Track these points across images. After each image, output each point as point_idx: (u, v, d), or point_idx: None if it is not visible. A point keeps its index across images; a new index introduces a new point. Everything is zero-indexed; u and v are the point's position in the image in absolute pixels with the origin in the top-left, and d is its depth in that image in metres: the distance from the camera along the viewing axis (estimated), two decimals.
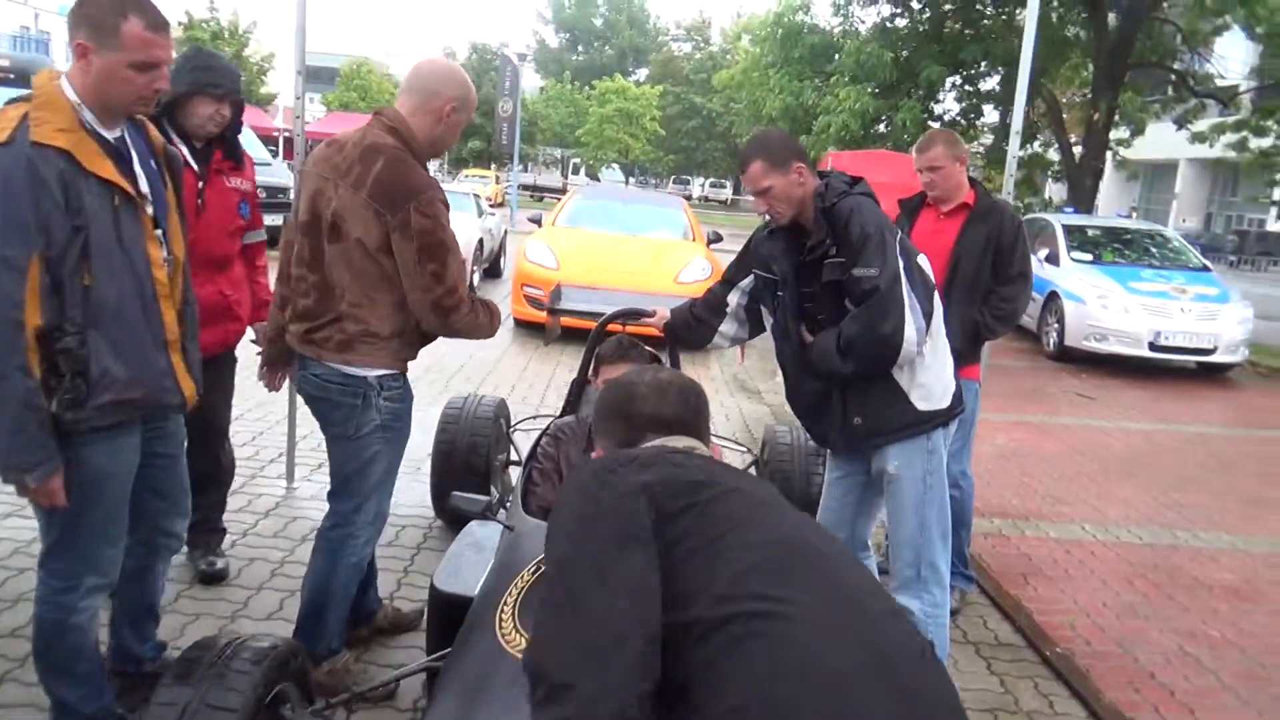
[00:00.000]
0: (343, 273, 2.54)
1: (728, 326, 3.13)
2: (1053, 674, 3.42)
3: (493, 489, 4.01)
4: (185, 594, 3.42)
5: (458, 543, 2.70)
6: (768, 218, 2.83)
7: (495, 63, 42.50)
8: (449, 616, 2.34)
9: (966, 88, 18.05)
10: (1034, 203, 17.70)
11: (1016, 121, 4.46)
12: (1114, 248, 11.03)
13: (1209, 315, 9.47)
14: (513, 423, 4.62)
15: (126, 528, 2.36)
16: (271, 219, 12.75)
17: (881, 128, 16.66)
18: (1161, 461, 6.48)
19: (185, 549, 3.22)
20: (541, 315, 8.91)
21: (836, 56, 16.78)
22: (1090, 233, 11.56)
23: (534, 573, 2.06)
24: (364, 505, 2.76)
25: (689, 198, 37.22)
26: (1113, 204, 34.30)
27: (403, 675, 2.56)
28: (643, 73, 55.77)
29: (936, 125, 17.81)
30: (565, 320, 4.38)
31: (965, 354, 3.46)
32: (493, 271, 13.58)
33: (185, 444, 2.63)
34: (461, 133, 2.81)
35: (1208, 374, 9.94)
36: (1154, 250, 11.21)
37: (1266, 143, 16.33)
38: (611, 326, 3.81)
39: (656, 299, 5.28)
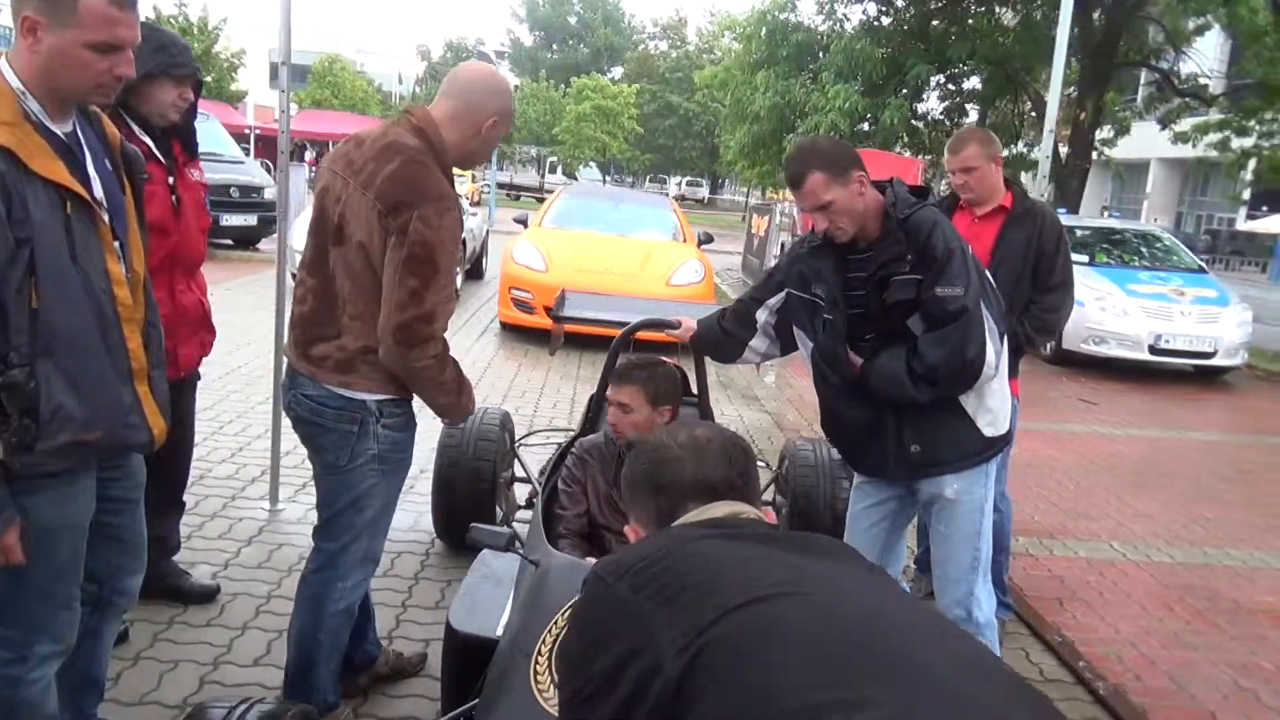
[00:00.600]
0: (344, 281, 2.28)
1: (759, 342, 2.90)
2: (1108, 714, 3.18)
3: (498, 508, 3.79)
4: (162, 637, 3.09)
5: (472, 575, 2.50)
6: (824, 234, 2.51)
7: (470, 61, 42.11)
8: (468, 660, 2.17)
9: (950, 86, 17.94)
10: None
11: (1050, 120, 4.22)
12: (1106, 248, 10.89)
13: (1209, 318, 9.33)
14: (517, 437, 4.33)
15: (79, 586, 2.03)
16: (244, 218, 12.45)
17: (865, 126, 16.50)
18: (1176, 471, 6.30)
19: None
20: (530, 319, 8.64)
21: (822, 55, 16.60)
22: (1081, 233, 11.40)
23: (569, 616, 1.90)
24: (352, 545, 2.45)
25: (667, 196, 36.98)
26: (1086, 204, 34.54)
27: None
28: (618, 71, 55.47)
29: (920, 125, 17.70)
30: (569, 327, 4.08)
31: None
32: (475, 273, 13.23)
33: (144, 485, 2.28)
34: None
35: (1204, 377, 9.81)
36: (1145, 251, 11.08)
37: (1249, 142, 16.37)
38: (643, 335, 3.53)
39: (650, 302, 5.05)
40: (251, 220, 12.60)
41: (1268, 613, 4.08)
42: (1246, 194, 26.59)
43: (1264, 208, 34.84)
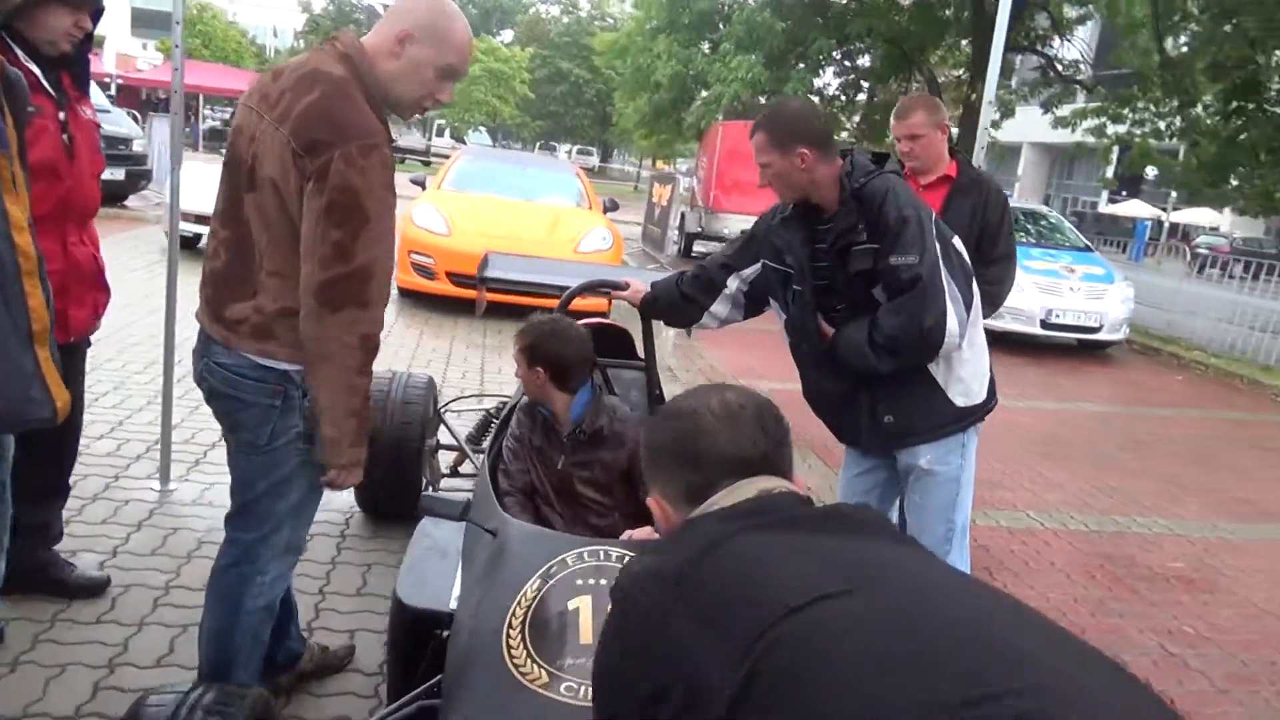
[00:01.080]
0: (260, 231, 1.96)
1: (720, 308, 2.88)
2: None
3: (424, 476, 3.63)
4: (45, 638, 2.72)
5: (415, 547, 2.37)
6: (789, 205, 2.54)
7: (356, 15, 40.34)
8: (419, 637, 2.07)
9: (846, 63, 18.18)
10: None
11: (989, 91, 4.17)
12: None
13: (1096, 295, 9.71)
14: (440, 403, 4.06)
15: None
16: (111, 172, 11.48)
17: (760, 99, 16.54)
18: (1078, 442, 6.50)
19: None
20: (431, 285, 8.27)
21: (723, 25, 16.51)
22: None
23: (539, 590, 1.86)
24: (273, 535, 2.16)
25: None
26: None
27: (392, 715, 2.00)
28: (508, 34, 54.23)
29: (817, 100, 17.85)
30: (493, 295, 3.85)
31: None
32: None
33: (8, 462, 1.97)
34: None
35: (1088, 351, 10.23)
36: (1033, 229, 11.45)
37: (1122, 129, 17.17)
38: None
39: (576, 265, 4.90)
40: (119, 174, 11.64)
41: (1179, 578, 4.21)
42: (1109, 173, 28.09)
43: (1123, 192, 36.98)
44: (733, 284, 2.81)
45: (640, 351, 3.50)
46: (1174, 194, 36.43)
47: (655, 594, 1.06)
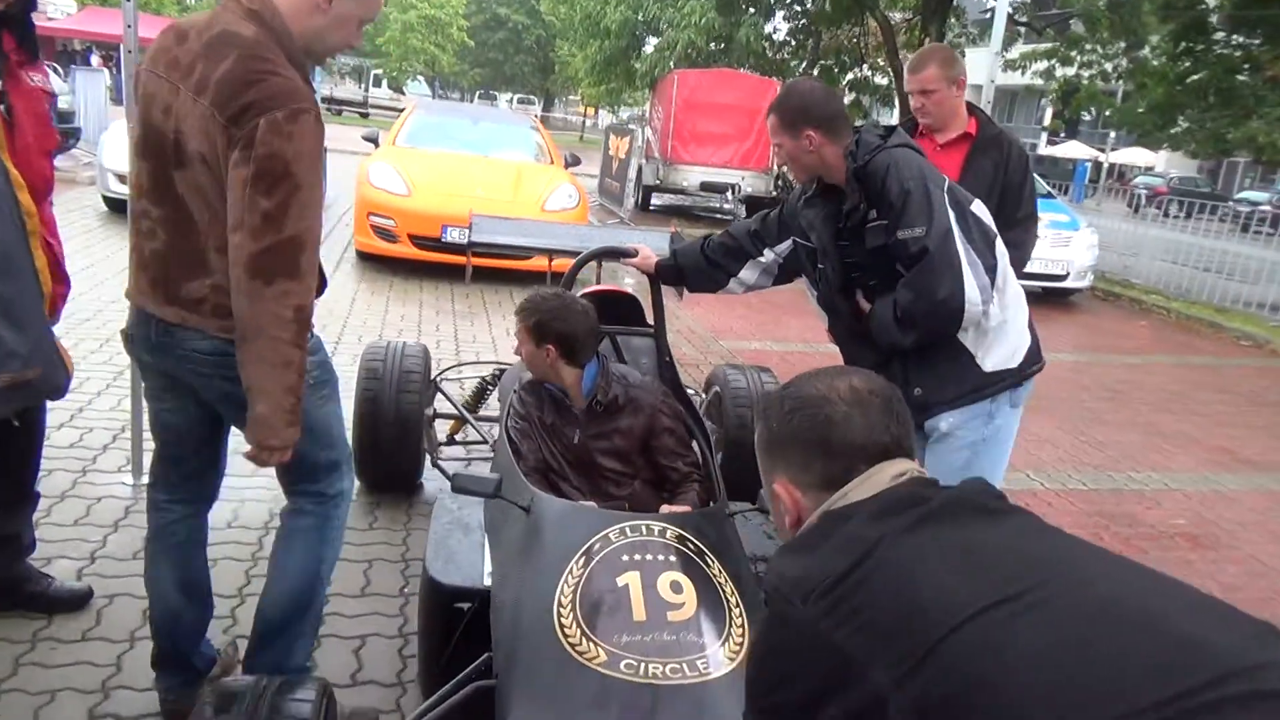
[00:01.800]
0: (198, 207, 1.88)
1: (749, 274, 2.94)
2: None
3: (424, 443, 3.59)
4: (28, 661, 2.49)
5: (437, 523, 2.37)
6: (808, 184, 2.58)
7: None
8: (452, 612, 2.09)
9: (796, 7, 17.87)
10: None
11: (995, 41, 4.01)
12: None
13: (1062, 242, 9.73)
14: (435, 371, 3.93)
15: None
16: None
17: (713, 45, 16.21)
18: (1058, 394, 6.49)
19: None
20: (393, 249, 7.96)
21: None
22: None
23: (585, 566, 1.89)
24: (324, 482, 2.20)
25: None
26: None
27: (450, 697, 1.91)
28: None
29: (766, 45, 17.56)
30: (478, 259, 3.74)
31: None
32: None
33: None
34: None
35: (1052, 298, 10.29)
36: None
37: (1071, 71, 17.24)
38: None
39: (564, 228, 4.79)
40: None
41: (1184, 535, 4.21)
42: (1047, 117, 28.22)
43: (1061, 133, 37.43)
44: (768, 255, 2.88)
45: (649, 318, 3.45)
46: (1112, 135, 37.15)
47: (813, 601, 1.07)
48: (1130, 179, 38.51)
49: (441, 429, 3.96)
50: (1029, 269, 9.83)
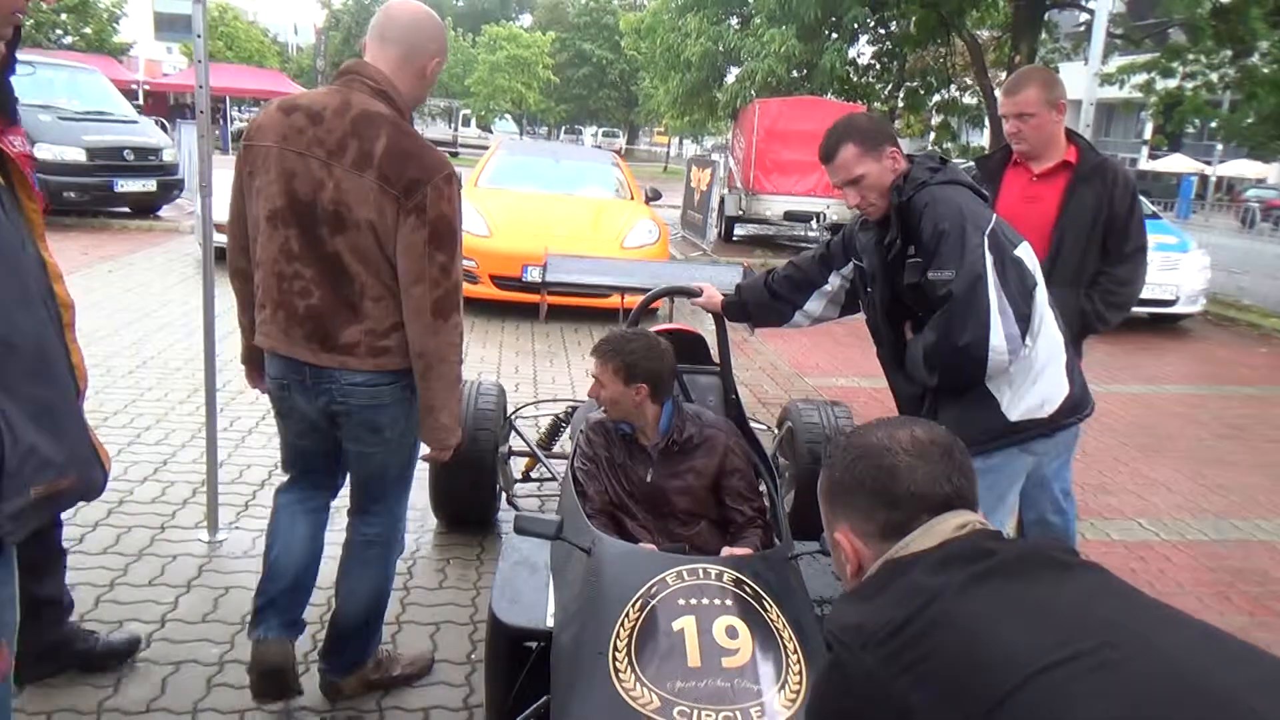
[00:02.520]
0: (357, 266, 2.19)
1: (814, 305, 2.93)
2: None
3: (499, 480, 3.70)
4: None
5: (504, 563, 2.41)
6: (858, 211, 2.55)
7: (374, 8, 40.07)
8: (516, 651, 2.15)
9: (880, 30, 17.54)
10: (951, 149, 17.41)
11: (1093, 61, 3.77)
12: None
13: (1170, 265, 9.18)
14: (510, 409, 4.03)
15: None
16: (142, 183, 11.33)
17: (794, 73, 16.01)
18: (1172, 431, 6.06)
19: None
20: (474, 290, 7.96)
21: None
22: None
23: (641, 609, 1.90)
24: (400, 507, 2.61)
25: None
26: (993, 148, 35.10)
27: None
28: (527, 19, 53.72)
29: (850, 71, 17.27)
30: (554, 298, 4.15)
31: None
32: None
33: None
34: None
35: (1160, 325, 9.72)
36: None
37: (1173, 83, 16.46)
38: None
39: (635, 264, 4.95)
40: (150, 185, 11.47)
41: None
42: (1147, 130, 27.05)
43: (1164, 148, 35.84)
44: (834, 281, 2.86)
45: (715, 355, 3.48)
46: (1219, 147, 35.39)
47: (871, 649, 1.08)
48: (1240, 192, 36.60)
49: (517, 466, 4.02)
50: None
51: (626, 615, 1.90)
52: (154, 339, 6.39)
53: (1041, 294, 2.34)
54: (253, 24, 42.63)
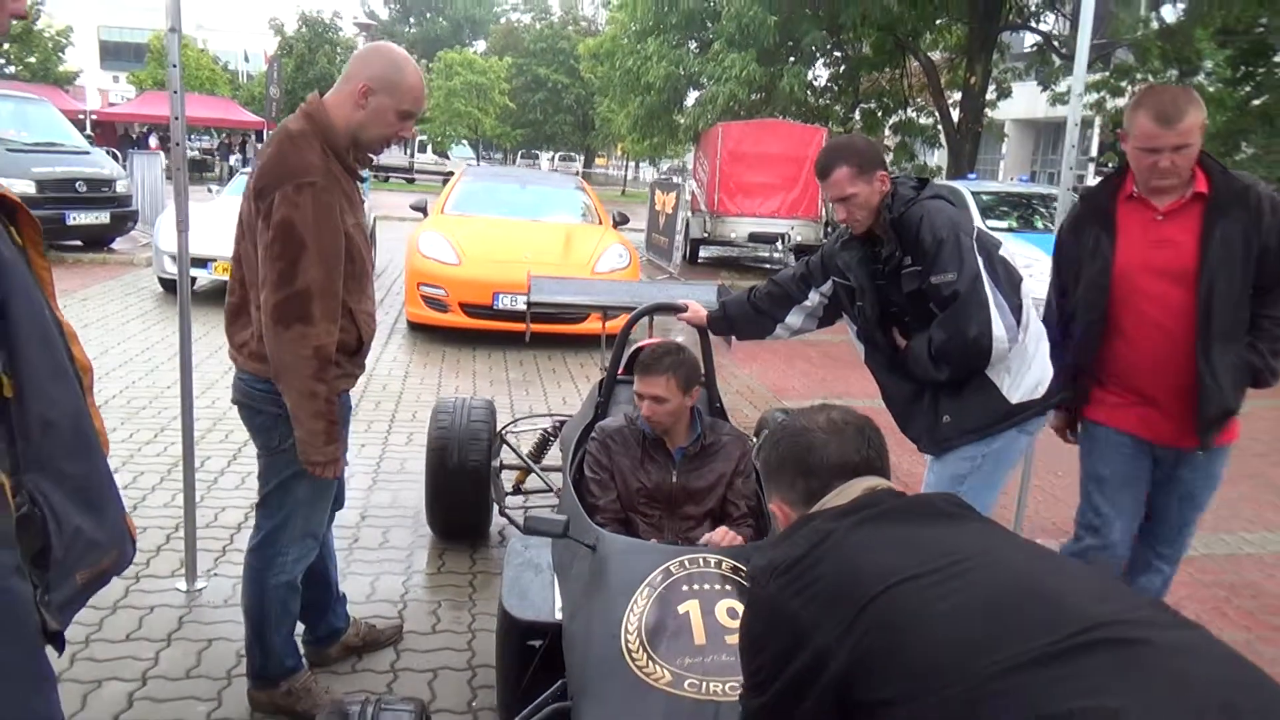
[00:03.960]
0: (249, 271, 2.34)
1: (794, 319, 3.10)
2: None
3: (491, 493, 3.81)
4: None
5: (510, 564, 2.55)
6: (844, 226, 2.77)
7: (330, 35, 39.73)
8: (525, 642, 2.27)
9: (836, 53, 17.76)
10: (909, 169, 17.65)
11: (1077, 83, 3.79)
12: (1020, 214, 10.82)
13: None
14: (499, 425, 4.13)
15: None
16: (94, 216, 11.04)
17: (754, 96, 16.11)
18: None
19: None
20: (444, 318, 7.88)
21: (710, 23, 16.09)
22: (986, 198, 11.30)
23: (648, 597, 2.05)
24: (289, 523, 2.54)
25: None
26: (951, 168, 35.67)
27: (530, 718, 2.09)
28: (481, 45, 53.68)
29: (808, 94, 17.43)
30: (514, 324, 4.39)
31: (1234, 408, 2.60)
32: None
33: None
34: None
35: None
36: (1051, 214, 11.07)
37: (1122, 102, 16.86)
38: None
39: (619, 285, 4.91)
40: (103, 217, 11.18)
41: None
42: (1094, 148, 27.64)
43: (1108, 164, 36.72)
44: (814, 298, 3.04)
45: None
46: None
47: (777, 580, 1.31)
48: None
49: (508, 480, 4.12)
50: None
51: (635, 602, 2.05)
52: (115, 377, 6.18)
53: (1026, 288, 2.57)
54: (203, 52, 42.10)
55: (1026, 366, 2.59)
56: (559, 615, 2.27)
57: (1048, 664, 1.04)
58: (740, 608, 2.00)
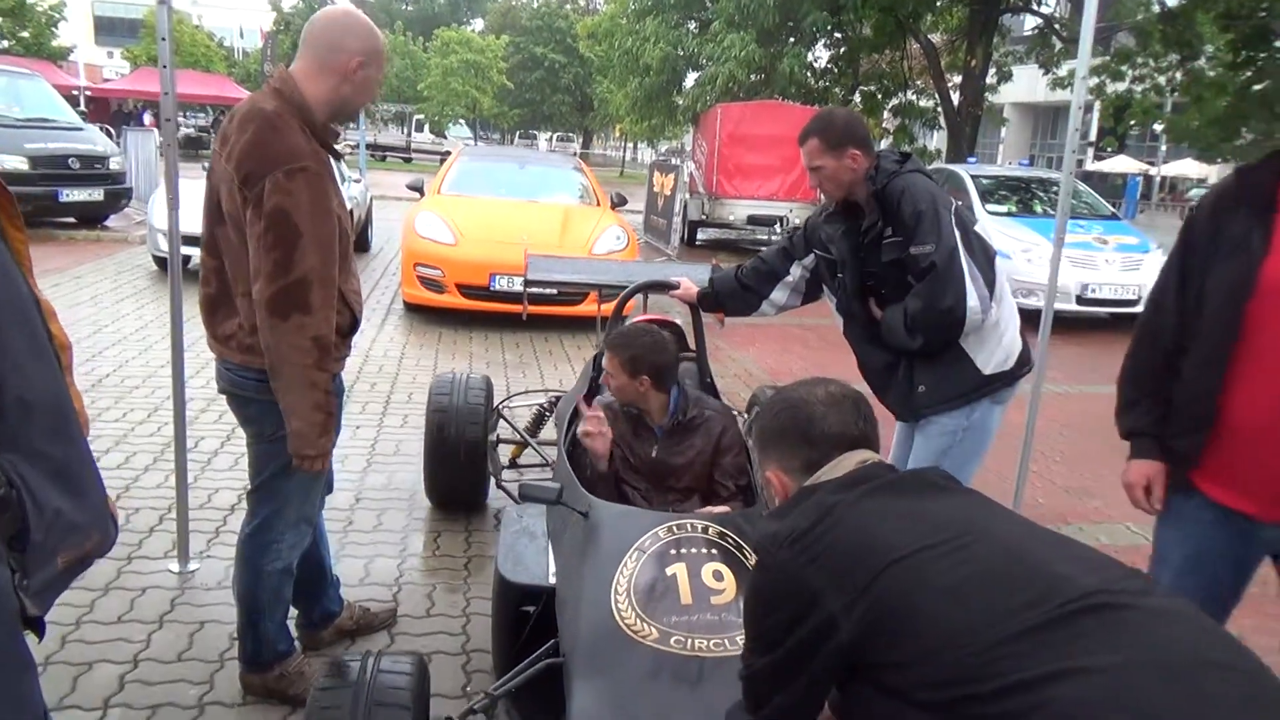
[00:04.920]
0: (230, 258, 2.28)
1: (779, 295, 3.18)
2: None
3: (488, 466, 3.89)
4: None
5: (506, 532, 2.62)
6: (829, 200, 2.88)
7: (325, 8, 39.28)
8: (520, 607, 2.37)
9: (837, 35, 17.62)
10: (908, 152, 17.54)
11: (1082, 67, 3.73)
12: (1020, 198, 10.77)
13: (1132, 265, 9.29)
14: (495, 400, 4.23)
15: None
16: (88, 192, 10.95)
17: (754, 77, 16.00)
18: None
19: None
20: (441, 299, 7.83)
21: (709, 4, 15.95)
22: (986, 182, 11.25)
23: (637, 560, 2.14)
24: (283, 509, 2.53)
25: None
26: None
27: (524, 672, 2.16)
28: (479, 23, 53.28)
29: (809, 75, 17.31)
30: (530, 306, 4.50)
31: None
32: (359, 244, 12.12)
33: None
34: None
35: (1122, 325, 9.83)
36: (1046, 198, 11.00)
37: (1122, 86, 16.77)
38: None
39: (613, 264, 5.07)
40: (97, 194, 11.09)
41: None
42: (1093, 132, 27.70)
43: (1107, 149, 36.63)
44: (795, 271, 3.12)
45: (690, 342, 3.72)
46: (1163, 148, 36.20)
47: (789, 549, 1.38)
48: (1182, 192, 37.45)
49: (505, 454, 4.20)
50: (1098, 295, 9.27)
51: (624, 565, 2.13)
52: (108, 355, 6.13)
53: (1000, 262, 2.71)
54: (198, 29, 41.73)
55: (998, 339, 2.70)
56: (553, 580, 2.34)
57: (1044, 630, 1.16)
58: (726, 571, 2.12)
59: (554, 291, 7.57)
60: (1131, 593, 1.24)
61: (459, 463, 3.79)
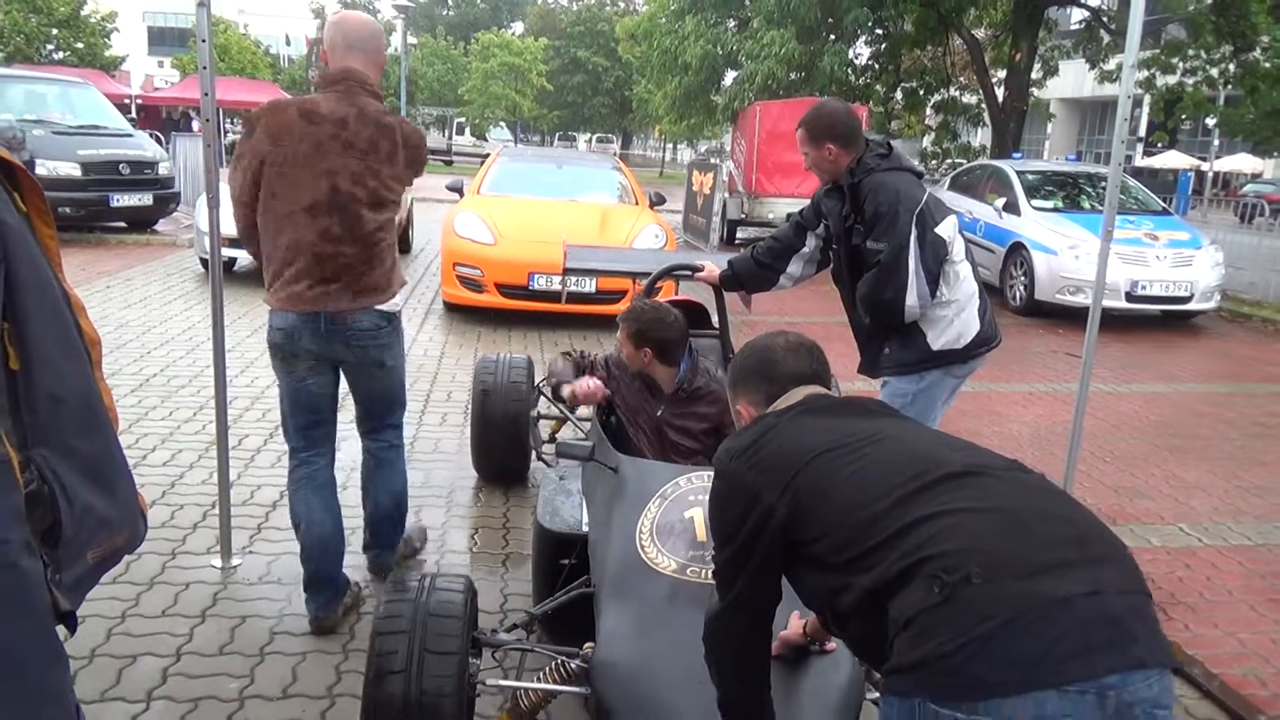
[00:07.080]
0: (390, 234, 2.90)
1: (794, 268, 3.42)
2: None
3: (530, 440, 4.15)
4: None
5: (545, 488, 2.98)
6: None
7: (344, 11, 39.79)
8: (556, 555, 2.68)
9: (878, 31, 17.41)
10: (951, 148, 17.30)
11: (1130, 58, 3.63)
12: (1067, 194, 10.55)
13: (1184, 261, 9.06)
14: (537, 380, 4.50)
15: None
16: (138, 198, 11.17)
17: (794, 75, 15.86)
18: (1201, 432, 5.93)
19: None
20: (480, 299, 7.88)
21: (748, 1, 15.85)
22: (1032, 178, 11.03)
23: (659, 506, 2.43)
24: (402, 421, 3.29)
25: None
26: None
27: (559, 598, 2.55)
28: (519, 27, 53.60)
29: (849, 72, 17.12)
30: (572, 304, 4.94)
31: None
32: (402, 245, 12.22)
33: None
34: None
35: (1173, 322, 9.60)
36: (1094, 194, 10.76)
37: (1173, 80, 16.38)
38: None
39: (649, 251, 5.49)
40: (146, 199, 11.31)
41: None
42: (1142, 127, 26.90)
43: (1158, 144, 35.76)
44: (811, 242, 3.36)
45: (715, 321, 4.03)
46: (1215, 142, 35.27)
47: (738, 460, 1.67)
48: (1237, 187, 36.41)
49: (545, 430, 4.43)
50: (1149, 292, 9.04)
51: (648, 509, 2.41)
52: (156, 356, 6.24)
53: (956, 256, 3.02)
54: (244, 36, 42.47)
55: (948, 322, 3.06)
56: (585, 529, 2.67)
57: (916, 493, 1.45)
58: None
59: (594, 290, 7.60)
60: (998, 467, 1.53)
61: (502, 436, 4.14)
